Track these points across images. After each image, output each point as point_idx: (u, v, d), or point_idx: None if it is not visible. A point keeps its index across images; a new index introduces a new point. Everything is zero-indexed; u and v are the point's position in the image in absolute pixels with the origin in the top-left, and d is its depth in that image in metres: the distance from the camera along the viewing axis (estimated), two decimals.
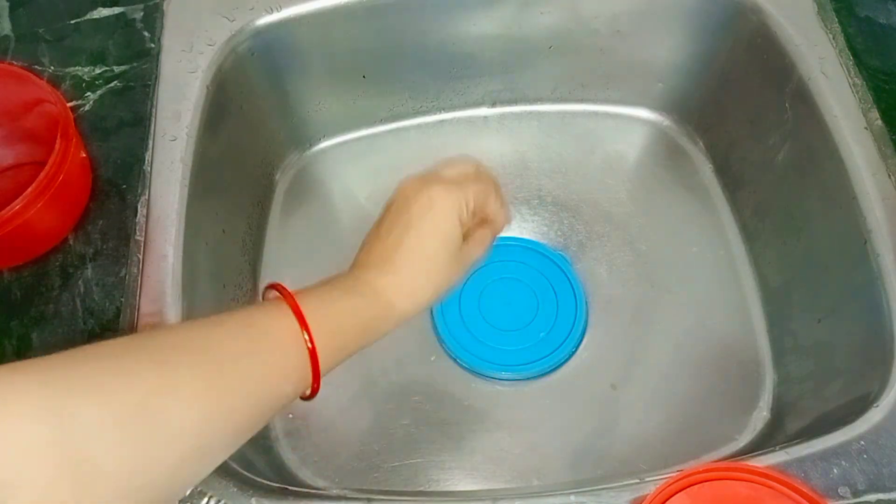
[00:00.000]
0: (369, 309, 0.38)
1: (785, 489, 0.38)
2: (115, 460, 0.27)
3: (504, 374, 0.59)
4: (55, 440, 0.26)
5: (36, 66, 0.56)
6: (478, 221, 0.43)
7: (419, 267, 0.39)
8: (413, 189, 0.41)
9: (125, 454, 0.27)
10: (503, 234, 0.65)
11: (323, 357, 0.35)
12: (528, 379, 0.59)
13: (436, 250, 0.39)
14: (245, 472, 0.42)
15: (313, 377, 0.35)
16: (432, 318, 0.61)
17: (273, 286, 0.37)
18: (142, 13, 0.59)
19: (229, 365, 0.32)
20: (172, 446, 0.29)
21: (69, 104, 0.53)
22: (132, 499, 0.28)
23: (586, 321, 0.61)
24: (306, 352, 0.34)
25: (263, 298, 0.38)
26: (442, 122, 0.73)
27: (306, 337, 0.34)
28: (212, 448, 0.31)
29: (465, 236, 0.42)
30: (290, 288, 0.36)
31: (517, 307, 0.62)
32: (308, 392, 0.36)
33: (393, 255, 0.39)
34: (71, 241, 0.50)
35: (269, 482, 0.42)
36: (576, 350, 0.60)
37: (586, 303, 0.62)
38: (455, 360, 0.60)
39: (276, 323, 0.34)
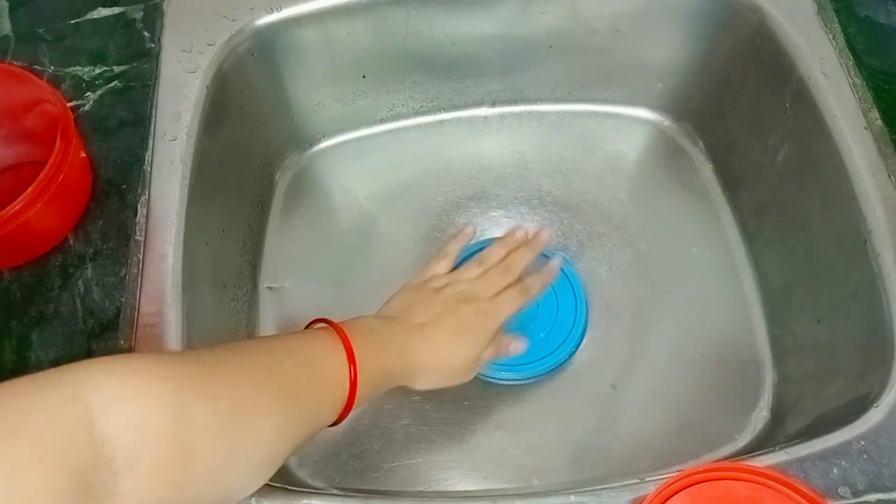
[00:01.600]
0: (399, 368, 0.45)
1: (785, 489, 0.38)
2: (212, 455, 0.31)
3: (504, 374, 0.59)
4: (172, 430, 0.30)
5: (36, 66, 0.56)
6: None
7: (444, 367, 0.48)
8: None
9: (219, 452, 0.32)
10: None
11: (357, 396, 0.41)
12: (528, 379, 0.59)
13: (467, 364, 0.49)
14: None
15: (345, 409, 0.41)
16: None
17: (331, 325, 0.43)
18: (142, 13, 0.59)
19: (296, 393, 0.37)
20: (252, 453, 0.34)
21: (69, 104, 0.53)
22: (215, 492, 0.33)
23: (586, 321, 0.61)
24: (347, 388, 0.40)
25: (308, 328, 0.44)
26: (442, 122, 0.73)
27: (351, 377, 0.40)
28: (274, 461, 0.36)
29: None
30: (336, 320, 0.43)
31: None
32: (333, 420, 0.41)
33: (437, 340, 0.47)
34: (71, 241, 0.50)
35: (268, 482, 0.42)
36: (576, 350, 0.60)
37: (586, 303, 0.61)
38: None
39: (331, 360, 0.40)
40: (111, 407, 0.28)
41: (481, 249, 0.57)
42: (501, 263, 0.55)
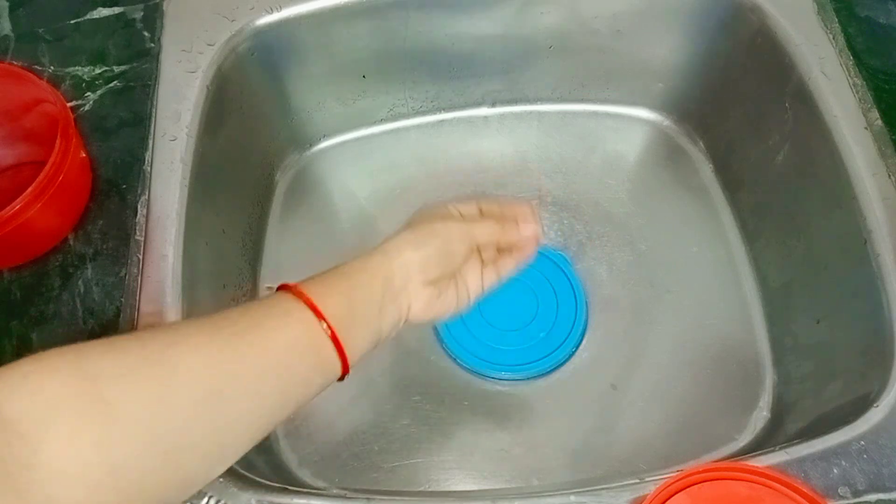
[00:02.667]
0: (371, 269, 0.41)
1: (785, 489, 0.38)
2: (134, 403, 0.29)
3: (504, 374, 0.59)
4: (77, 390, 0.28)
5: (36, 66, 0.56)
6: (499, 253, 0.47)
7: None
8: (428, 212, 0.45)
9: (142, 397, 0.30)
10: None
11: (339, 323, 0.37)
12: (528, 379, 0.59)
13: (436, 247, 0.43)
14: (245, 472, 0.42)
15: (340, 355, 0.37)
16: None
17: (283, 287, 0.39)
18: (142, 13, 0.59)
19: (233, 328, 0.34)
20: (185, 389, 0.31)
21: (69, 104, 0.53)
22: (156, 445, 0.30)
23: (586, 321, 0.61)
24: (315, 320, 0.36)
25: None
26: (442, 122, 0.73)
27: (309, 306, 0.36)
28: (224, 396, 0.32)
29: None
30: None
31: (517, 307, 0.61)
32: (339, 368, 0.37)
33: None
34: (71, 241, 0.50)
35: (269, 482, 0.42)
36: (576, 350, 0.60)
37: (586, 303, 0.62)
38: (455, 360, 0.60)
39: (281, 302, 0.37)
40: (16, 387, 0.28)
41: None
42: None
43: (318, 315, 0.36)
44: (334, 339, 0.36)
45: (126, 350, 0.31)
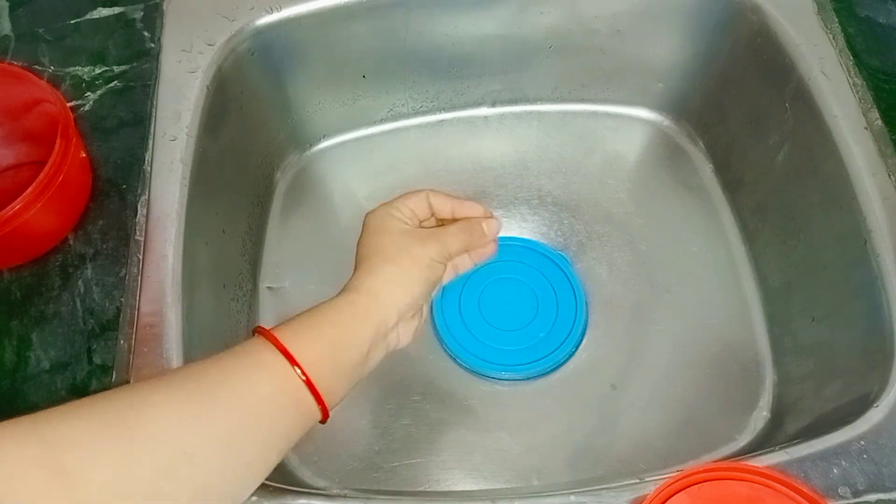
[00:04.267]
0: (360, 314, 0.40)
1: (785, 489, 0.38)
2: (96, 469, 0.29)
3: (504, 374, 0.59)
4: (37, 460, 0.28)
5: (36, 66, 0.56)
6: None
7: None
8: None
9: (104, 462, 0.29)
10: (503, 234, 0.65)
11: (318, 369, 0.35)
12: (528, 379, 0.59)
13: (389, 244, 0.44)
14: None
15: (317, 399, 0.35)
16: (432, 317, 0.61)
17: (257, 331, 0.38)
18: (142, 13, 0.59)
19: (201, 383, 0.33)
20: (151, 450, 0.30)
21: (69, 104, 0.53)
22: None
23: (586, 321, 0.61)
24: (288, 367, 0.35)
25: None
26: (442, 122, 0.73)
27: (282, 352, 0.35)
28: (195, 456, 0.31)
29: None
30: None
31: (517, 307, 0.62)
32: (319, 412, 0.37)
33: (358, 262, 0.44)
34: (71, 241, 0.50)
35: (269, 482, 0.42)
36: (576, 350, 0.60)
37: (586, 303, 0.62)
38: (455, 360, 0.60)
39: (250, 348, 0.36)
40: None
41: None
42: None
43: (291, 361, 0.35)
44: (310, 386, 0.35)
45: (85, 415, 0.30)
